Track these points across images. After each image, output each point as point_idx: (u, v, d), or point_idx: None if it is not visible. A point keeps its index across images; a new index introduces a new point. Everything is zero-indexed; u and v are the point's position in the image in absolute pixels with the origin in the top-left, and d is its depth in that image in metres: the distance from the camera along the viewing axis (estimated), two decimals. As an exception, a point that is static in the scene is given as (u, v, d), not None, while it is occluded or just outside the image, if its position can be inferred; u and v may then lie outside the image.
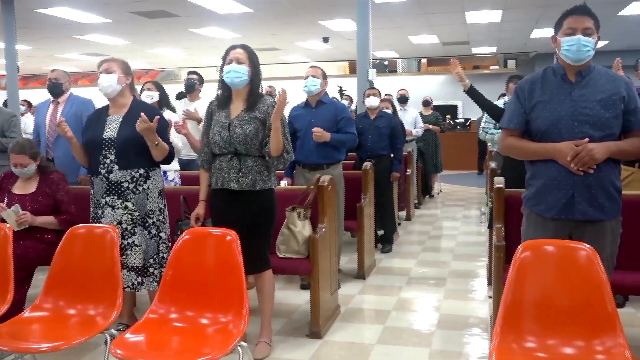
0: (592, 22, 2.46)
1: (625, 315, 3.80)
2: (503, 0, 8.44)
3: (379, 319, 3.86)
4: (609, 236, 2.51)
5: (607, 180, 2.46)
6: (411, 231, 6.79)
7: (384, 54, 14.43)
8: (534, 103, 2.53)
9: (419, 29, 10.74)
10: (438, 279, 4.79)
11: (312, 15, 9.22)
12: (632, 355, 2.03)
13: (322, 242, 3.56)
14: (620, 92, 2.46)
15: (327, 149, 4.42)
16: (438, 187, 9.71)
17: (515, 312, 2.20)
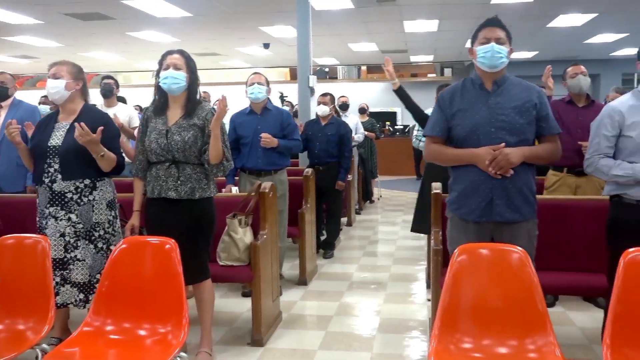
0: (504, 33, 2.63)
1: (555, 315, 3.98)
2: (439, 11, 8.69)
3: (321, 324, 3.87)
4: (526, 237, 2.63)
5: (523, 183, 2.60)
6: (352, 236, 6.86)
7: (324, 60, 14.54)
8: (454, 111, 2.66)
9: (359, 36, 10.89)
10: (378, 283, 4.85)
11: (253, 20, 9.19)
12: (561, 353, 2.12)
13: (263, 249, 3.54)
14: (532, 100, 2.62)
15: (274, 155, 4.43)
16: (378, 193, 9.85)
17: (452, 314, 2.26)
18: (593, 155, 2.80)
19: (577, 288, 3.34)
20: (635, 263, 2.19)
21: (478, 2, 8.02)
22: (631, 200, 2.70)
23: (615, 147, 2.75)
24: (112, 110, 5.04)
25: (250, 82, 4.45)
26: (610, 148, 2.75)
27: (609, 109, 2.80)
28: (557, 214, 3.46)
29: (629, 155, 2.69)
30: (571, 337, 3.62)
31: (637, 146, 2.66)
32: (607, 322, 2.16)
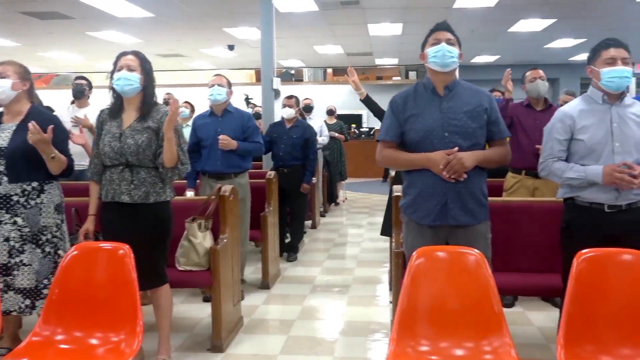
0: (454, 37, 2.66)
1: (515, 315, 4.04)
2: (403, 15, 8.76)
3: (283, 328, 3.84)
4: (481, 240, 2.65)
5: (476, 187, 2.63)
6: (317, 239, 6.84)
7: (290, 62, 14.52)
8: (407, 116, 2.66)
9: (324, 39, 10.90)
10: (342, 286, 4.84)
11: (217, 22, 9.10)
12: (517, 354, 2.14)
13: (223, 253, 3.49)
14: (483, 105, 2.65)
15: (234, 157, 4.38)
16: (343, 195, 9.87)
17: (410, 317, 2.26)
18: (547, 159, 2.84)
19: (535, 289, 3.37)
20: (587, 264, 2.23)
21: (441, 6, 8.12)
22: (584, 203, 2.74)
23: (567, 150, 2.80)
24: (84, 112, 4.92)
25: (210, 84, 4.39)
26: (563, 152, 2.79)
27: (560, 114, 2.85)
28: (515, 216, 3.50)
29: (581, 159, 2.74)
30: (530, 336, 3.67)
31: (589, 149, 2.71)
32: (560, 322, 2.19)
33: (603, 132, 2.70)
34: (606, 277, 2.24)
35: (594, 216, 2.71)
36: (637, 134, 2.70)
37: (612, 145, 2.68)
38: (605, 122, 2.71)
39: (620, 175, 2.58)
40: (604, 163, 2.66)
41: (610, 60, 2.68)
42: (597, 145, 2.70)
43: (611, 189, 2.65)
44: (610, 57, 2.68)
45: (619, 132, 2.69)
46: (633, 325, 2.16)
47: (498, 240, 3.19)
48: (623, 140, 2.68)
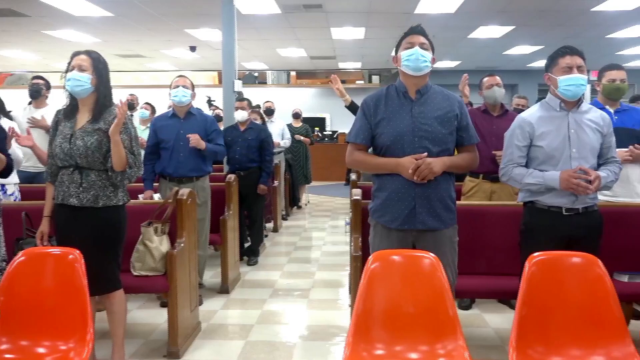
0: (427, 41, 2.66)
1: (472, 317, 4.09)
2: (365, 19, 8.82)
3: (242, 333, 3.80)
4: (448, 244, 2.67)
5: (444, 192, 2.63)
6: (278, 242, 6.81)
7: (253, 65, 14.44)
8: (379, 119, 2.65)
9: (287, 42, 10.88)
10: (303, 289, 4.82)
11: (178, 23, 8.98)
12: (470, 356, 2.16)
13: (180, 257, 3.43)
14: (454, 110, 2.65)
15: (197, 160, 4.33)
16: (306, 198, 9.86)
17: (367, 321, 2.26)
18: (507, 165, 2.89)
19: (492, 291, 3.43)
20: (539, 267, 2.27)
21: (402, 11, 8.20)
22: (543, 206, 2.81)
23: (527, 156, 2.85)
24: (41, 112, 4.78)
25: (174, 85, 4.32)
26: (523, 157, 2.85)
27: (519, 120, 2.90)
28: (473, 219, 3.55)
29: (540, 164, 2.80)
30: (486, 338, 3.72)
31: (547, 155, 2.78)
32: (513, 324, 2.22)
33: (560, 139, 2.77)
34: (557, 279, 2.28)
35: (552, 219, 2.78)
36: (592, 140, 2.78)
37: (570, 151, 2.75)
38: (562, 129, 2.78)
39: (576, 181, 2.66)
40: (561, 169, 2.73)
41: (567, 68, 2.75)
42: (555, 151, 2.77)
43: (568, 193, 2.72)
44: (567, 65, 2.75)
45: (575, 138, 2.76)
46: (582, 327, 2.21)
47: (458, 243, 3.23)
48: (580, 147, 2.75)
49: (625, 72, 3.76)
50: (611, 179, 2.80)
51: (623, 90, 3.70)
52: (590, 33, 9.91)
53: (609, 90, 3.68)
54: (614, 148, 2.90)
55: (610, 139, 2.86)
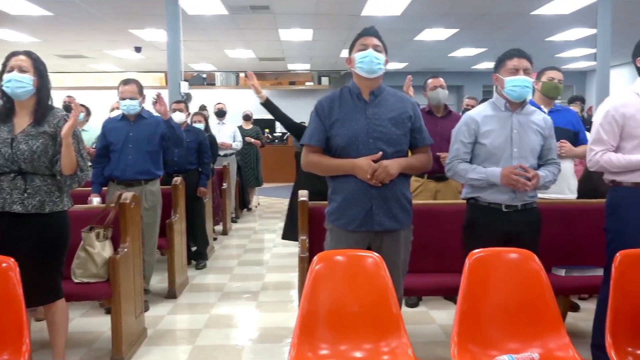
0: (381, 43, 2.67)
1: (419, 314, 4.17)
2: (313, 21, 8.85)
3: (189, 338, 3.74)
4: (404, 244, 2.71)
5: (400, 192, 2.66)
6: (228, 245, 6.75)
7: (201, 66, 14.27)
8: (333, 121, 2.65)
9: (235, 43, 10.81)
10: (252, 292, 4.80)
11: (121, 23, 8.78)
12: (413, 353, 2.20)
13: (124, 263, 3.35)
14: (407, 112, 2.68)
15: (145, 163, 4.24)
16: (256, 200, 9.81)
17: (311, 321, 2.26)
18: (452, 160, 2.96)
19: (438, 288, 3.49)
20: (478, 263, 2.33)
21: (349, 14, 8.28)
22: (484, 203, 2.89)
23: (472, 152, 2.93)
24: None
25: (121, 97, 4.21)
26: (468, 154, 2.92)
27: (466, 118, 2.98)
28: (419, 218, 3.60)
29: (484, 161, 2.88)
30: (432, 334, 3.80)
31: (490, 153, 2.86)
32: (454, 320, 2.28)
33: (503, 138, 2.86)
34: (495, 275, 2.35)
35: (492, 215, 2.86)
36: (534, 141, 2.88)
37: (511, 150, 2.85)
38: (506, 129, 2.87)
39: (516, 177, 2.75)
40: (503, 166, 2.81)
41: (514, 69, 2.84)
42: (497, 149, 2.85)
43: (508, 190, 2.81)
44: (514, 67, 2.84)
45: (517, 138, 2.86)
46: (520, 321, 2.28)
47: (410, 242, 3.28)
48: (521, 147, 2.85)
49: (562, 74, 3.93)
50: (549, 179, 2.90)
51: (560, 89, 3.87)
52: (530, 36, 10.26)
53: (548, 87, 3.83)
54: (554, 150, 3.01)
55: (550, 141, 2.97)
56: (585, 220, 3.52)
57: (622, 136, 2.85)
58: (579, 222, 3.57)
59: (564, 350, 2.19)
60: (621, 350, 2.21)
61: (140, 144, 4.22)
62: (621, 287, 2.29)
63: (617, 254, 2.36)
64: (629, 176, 2.84)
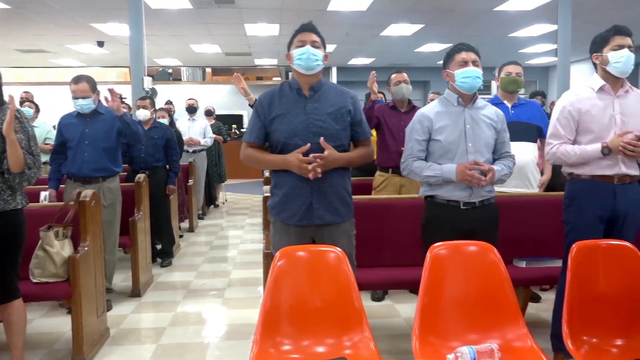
0: (319, 38, 2.69)
1: (384, 308, 4.20)
2: (279, 16, 8.81)
3: (153, 337, 3.69)
4: (345, 237, 2.72)
5: (340, 186, 2.69)
6: (194, 242, 6.68)
7: (166, 61, 14.07)
8: (273, 116, 2.67)
9: (200, 37, 10.68)
10: (218, 289, 4.76)
11: (83, 17, 8.59)
12: (375, 346, 2.21)
13: (84, 262, 3.28)
14: (347, 106, 2.70)
15: (103, 160, 4.15)
16: (223, 197, 9.73)
17: (274, 317, 2.26)
18: (407, 159, 2.97)
19: (400, 282, 3.52)
20: (439, 256, 2.36)
21: (315, 8, 8.27)
22: (442, 200, 2.90)
23: (427, 150, 2.95)
24: None
25: (73, 96, 4.10)
26: (422, 151, 2.93)
27: (419, 115, 2.99)
28: (381, 213, 3.64)
29: (439, 158, 2.90)
30: (397, 327, 3.83)
31: (444, 149, 2.87)
32: (416, 314, 2.30)
33: (457, 133, 2.87)
34: (455, 268, 2.38)
35: (450, 213, 2.87)
36: (487, 135, 2.90)
37: (466, 145, 2.86)
38: (459, 124, 2.89)
39: (471, 173, 2.76)
40: (458, 162, 2.83)
41: (463, 62, 2.87)
42: (451, 145, 2.86)
43: (465, 187, 2.82)
44: (463, 60, 2.87)
45: (471, 133, 2.88)
46: (479, 313, 2.31)
47: (367, 237, 3.30)
48: (475, 141, 2.87)
49: (521, 67, 3.99)
50: (505, 172, 2.93)
51: (519, 83, 3.92)
52: (495, 32, 10.41)
53: (506, 82, 3.89)
54: (508, 143, 3.04)
55: (504, 135, 2.99)
56: (546, 212, 3.59)
57: (578, 130, 2.91)
58: (540, 214, 3.64)
59: (522, 340, 2.24)
60: (577, 339, 2.26)
61: (96, 140, 4.13)
62: (577, 278, 2.35)
63: (574, 246, 2.42)
64: (586, 169, 2.90)
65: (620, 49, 2.80)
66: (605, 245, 2.43)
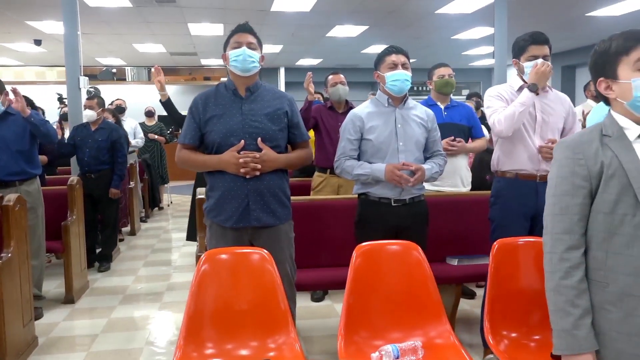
0: (255, 39, 2.68)
1: (324, 308, 4.22)
2: (222, 16, 8.71)
3: (85, 345, 3.59)
4: (285, 239, 2.72)
5: (277, 188, 2.67)
6: (135, 246, 6.53)
7: (109, 61, 13.71)
8: (208, 117, 2.63)
9: (143, 37, 10.44)
10: (156, 293, 4.67)
11: (17, 14, 8.26)
12: (301, 347, 2.21)
13: (7, 269, 3.16)
14: (284, 108, 2.70)
15: (17, 163, 3.99)
16: (168, 199, 9.56)
17: (198, 322, 2.23)
18: (340, 158, 2.99)
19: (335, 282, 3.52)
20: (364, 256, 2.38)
21: (259, 8, 8.21)
22: (374, 198, 2.94)
23: (359, 149, 2.98)
24: None
25: None
26: (354, 150, 2.96)
27: (351, 115, 3.02)
28: (318, 213, 3.66)
29: (370, 157, 2.94)
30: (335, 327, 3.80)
31: (376, 148, 2.91)
32: (341, 313, 2.31)
33: (388, 133, 2.92)
34: (380, 267, 2.41)
35: (382, 210, 2.92)
36: (418, 134, 2.95)
37: (397, 144, 2.91)
38: (390, 123, 2.93)
39: (399, 173, 2.81)
40: (389, 161, 2.88)
41: (392, 65, 2.91)
42: (382, 144, 2.91)
43: (394, 185, 2.87)
44: (392, 62, 2.91)
45: (402, 132, 2.92)
46: (404, 310, 2.35)
47: (306, 238, 3.30)
48: (406, 140, 2.92)
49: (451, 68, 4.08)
50: (435, 170, 3.00)
51: (452, 84, 4.02)
52: (437, 34, 10.60)
53: (442, 84, 3.98)
54: (439, 142, 3.11)
55: (434, 134, 3.06)
56: (476, 211, 3.68)
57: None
58: (470, 213, 3.73)
59: (444, 337, 2.28)
60: (497, 334, 2.33)
61: (8, 143, 3.97)
62: (498, 275, 2.41)
63: (495, 243, 2.49)
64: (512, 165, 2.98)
65: (535, 59, 2.89)
66: (524, 242, 2.50)
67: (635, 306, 1.50)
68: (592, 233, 1.58)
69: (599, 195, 1.55)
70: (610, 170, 1.53)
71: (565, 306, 1.56)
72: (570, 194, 1.59)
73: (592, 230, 1.58)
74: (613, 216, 1.53)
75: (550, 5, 8.27)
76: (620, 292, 1.52)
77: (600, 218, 1.55)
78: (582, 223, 1.58)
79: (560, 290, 1.58)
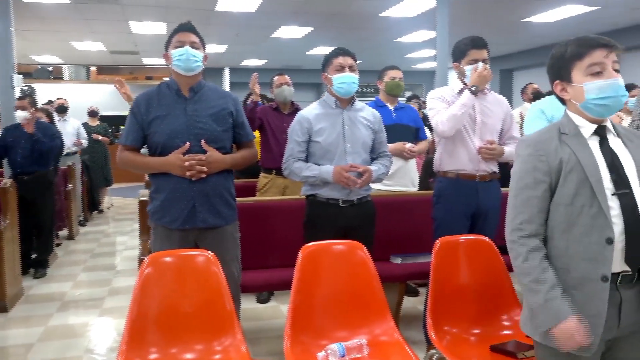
0: (198, 38, 2.65)
1: (270, 309, 4.20)
2: (165, 14, 8.54)
3: (19, 355, 3.44)
4: (231, 240, 2.70)
5: (223, 189, 2.65)
6: (73, 251, 6.30)
7: (46, 59, 13.20)
8: (152, 118, 2.58)
9: (82, 34, 10.11)
10: (96, 299, 4.52)
11: (-56, 8, 7.84)
12: (247, 349, 2.19)
13: None
14: (228, 107, 2.68)
15: None
16: (109, 201, 9.29)
17: (141, 326, 2.17)
18: (288, 159, 2.99)
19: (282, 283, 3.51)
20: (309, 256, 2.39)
21: (203, 8, 8.10)
22: (322, 199, 2.96)
23: (308, 151, 2.98)
24: None
25: None
26: (302, 152, 2.97)
27: (299, 117, 3.02)
28: (265, 214, 3.64)
29: (319, 159, 2.95)
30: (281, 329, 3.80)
31: (324, 150, 2.93)
32: (287, 314, 2.31)
33: (335, 135, 2.93)
34: (325, 267, 2.42)
35: (330, 210, 2.93)
36: (365, 136, 2.98)
37: (344, 146, 2.93)
38: (337, 126, 2.95)
39: (347, 175, 2.84)
40: (337, 163, 2.90)
41: (340, 67, 2.93)
42: (330, 146, 2.92)
43: (342, 187, 2.89)
44: (340, 65, 2.93)
45: (350, 134, 2.95)
46: (349, 309, 2.37)
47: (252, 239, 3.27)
48: (353, 142, 2.94)
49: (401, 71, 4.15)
50: (382, 171, 3.04)
51: (402, 87, 4.09)
52: (382, 37, 10.76)
53: (391, 86, 4.04)
54: (385, 143, 3.16)
55: (381, 135, 3.10)
56: (421, 210, 3.75)
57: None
58: (416, 212, 3.79)
59: (389, 334, 2.32)
60: (440, 330, 2.38)
61: None
62: (440, 272, 2.47)
63: (437, 241, 2.55)
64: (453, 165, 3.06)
65: (475, 62, 2.98)
66: (464, 240, 2.57)
67: (594, 288, 1.60)
68: (553, 224, 1.67)
69: (559, 188, 1.65)
70: (568, 165, 1.64)
71: (532, 285, 1.65)
72: (531, 187, 1.68)
73: (553, 221, 1.67)
74: (572, 208, 1.63)
75: (489, 11, 8.54)
76: (580, 277, 1.62)
77: (561, 210, 1.65)
78: (541, 214, 1.68)
79: (525, 271, 1.67)
